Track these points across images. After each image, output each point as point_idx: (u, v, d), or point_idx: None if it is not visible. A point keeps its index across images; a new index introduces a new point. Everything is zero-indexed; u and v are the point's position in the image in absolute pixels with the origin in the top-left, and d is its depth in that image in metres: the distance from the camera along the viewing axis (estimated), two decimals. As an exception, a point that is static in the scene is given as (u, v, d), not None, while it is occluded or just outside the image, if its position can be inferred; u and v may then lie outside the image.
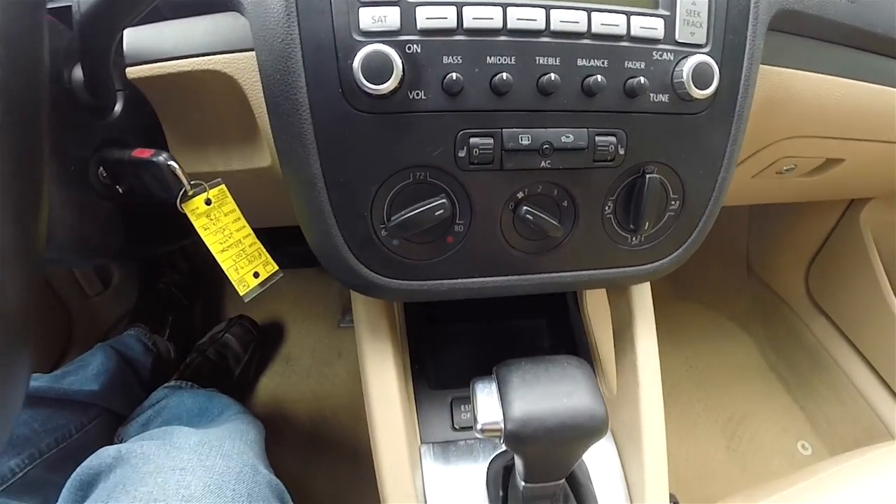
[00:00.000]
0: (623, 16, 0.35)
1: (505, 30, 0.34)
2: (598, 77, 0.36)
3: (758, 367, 1.28)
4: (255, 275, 0.45)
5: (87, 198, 0.42)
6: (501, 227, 0.41)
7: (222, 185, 0.44)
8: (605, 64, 0.36)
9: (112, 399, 0.80)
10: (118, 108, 0.42)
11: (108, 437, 0.77)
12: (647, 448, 0.49)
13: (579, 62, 0.36)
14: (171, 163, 0.40)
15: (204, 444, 0.48)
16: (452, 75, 0.34)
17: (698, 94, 0.37)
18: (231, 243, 0.44)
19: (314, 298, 1.29)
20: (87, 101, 0.40)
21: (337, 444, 1.06)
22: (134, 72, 0.40)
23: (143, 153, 0.40)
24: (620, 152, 0.39)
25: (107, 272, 1.15)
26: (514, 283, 0.43)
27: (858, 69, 0.53)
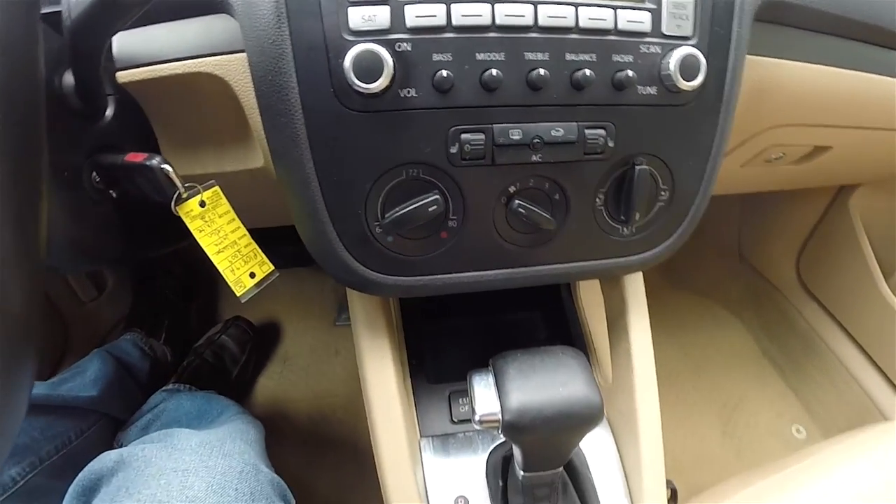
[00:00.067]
0: (610, 10, 0.36)
1: (493, 26, 0.34)
2: (586, 71, 0.36)
3: (751, 353, 1.29)
4: (252, 275, 0.45)
5: (81, 203, 0.42)
6: (494, 222, 0.41)
7: (216, 186, 0.44)
8: (593, 58, 0.36)
9: (111, 404, 0.80)
10: (109, 112, 0.42)
11: (108, 442, 0.77)
12: (643, 435, 0.49)
13: (567, 56, 0.36)
14: (164, 166, 0.40)
15: (205, 444, 0.48)
16: (443, 72, 0.34)
17: (685, 85, 0.37)
18: (226, 244, 0.44)
19: (309, 297, 1.29)
20: (79, 106, 0.39)
21: (338, 441, 1.06)
22: (124, 76, 0.40)
23: (137, 157, 0.40)
24: (610, 145, 0.39)
25: (101, 278, 1.15)
26: (509, 276, 0.44)
27: (844, 57, 0.53)
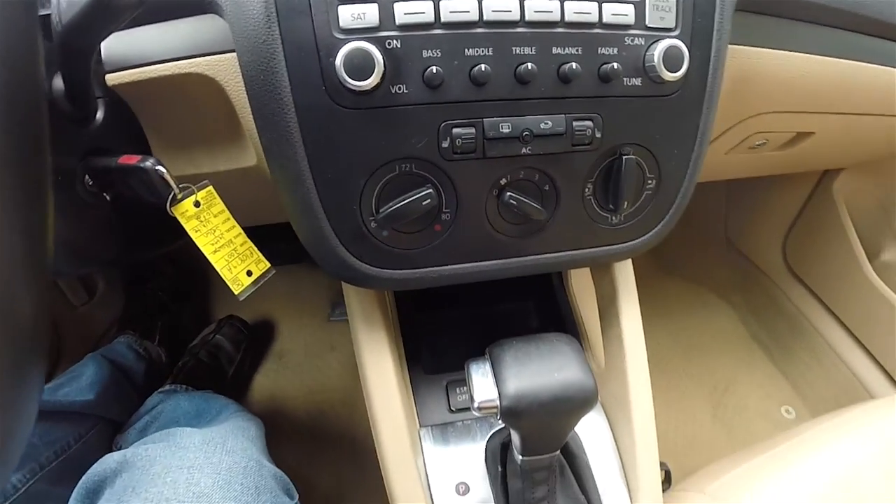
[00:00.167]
0: (595, 3, 0.36)
1: (481, 22, 0.35)
2: (572, 64, 0.36)
3: (740, 336, 1.31)
4: (249, 273, 0.46)
5: (75, 206, 0.42)
6: (487, 214, 0.41)
7: (210, 186, 0.44)
8: (579, 51, 0.37)
9: (108, 407, 0.80)
10: (100, 115, 0.42)
11: (107, 446, 0.77)
12: (636, 418, 0.50)
13: (554, 50, 0.36)
14: (158, 167, 0.39)
15: (208, 441, 0.48)
16: (433, 69, 0.35)
17: (669, 76, 0.38)
18: (223, 243, 0.44)
19: (303, 294, 1.29)
20: (69, 110, 0.39)
21: (335, 436, 1.07)
22: (114, 78, 0.40)
23: (130, 159, 0.40)
24: (597, 136, 0.40)
25: (91, 281, 1.13)
26: (502, 266, 0.44)
27: (825, 45, 0.54)
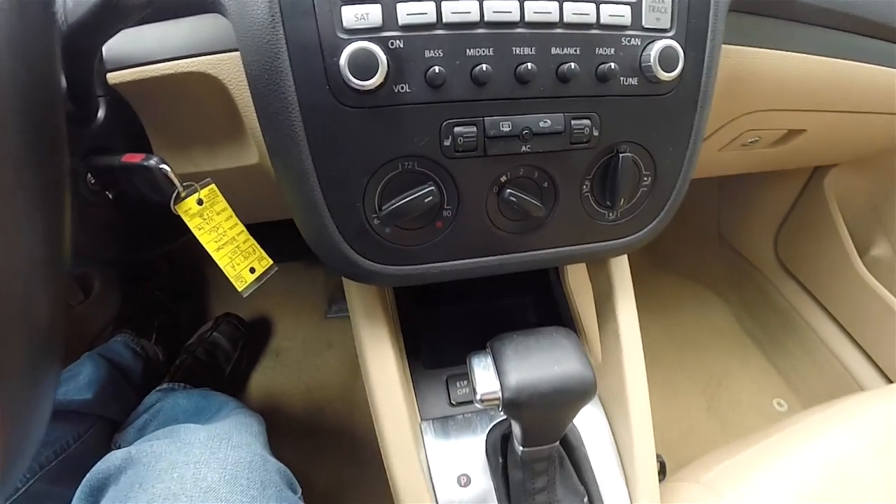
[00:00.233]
0: (592, 4, 0.37)
1: (482, 22, 0.35)
2: (571, 64, 0.37)
3: (733, 331, 1.32)
4: (252, 270, 0.46)
5: (77, 206, 0.41)
6: (487, 210, 0.42)
7: (212, 184, 0.44)
8: (578, 51, 0.37)
9: (106, 406, 0.79)
10: (101, 114, 0.42)
11: (106, 445, 0.77)
12: (633, 410, 0.51)
13: (553, 50, 0.37)
14: (162, 166, 0.40)
15: (213, 437, 0.49)
16: (435, 68, 0.35)
17: (665, 76, 0.39)
18: (225, 241, 0.45)
19: (299, 291, 1.29)
20: (71, 109, 0.39)
21: (334, 432, 1.07)
22: (115, 77, 0.40)
23: (134, 158, 0.40)
24: (595, 134, 0.41)
25: (88, 280, 1.13)
26: (502, 262, 0.45)
27: (816, 44, 0.55)
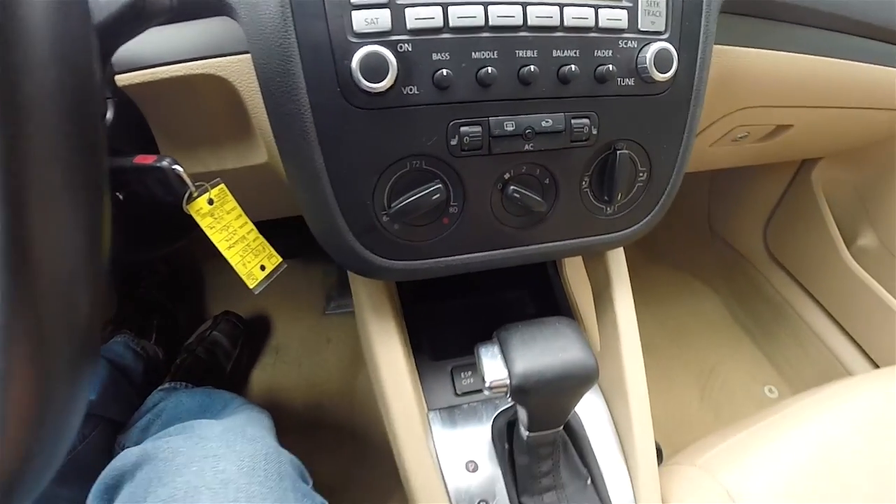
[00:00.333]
0: (591, 9, 0.38)
1: (487, 26, 0.36)
2: (571, 66, 0.38)
3: (724, 321, 1.34)
4: (262, 268, 0.47)
5: None
6: (492, 206, 0.43)
7: (222, 184, 0.45)
8: (577, 53, 0.38)
9: (109, 407, 0.79)
10: (109, 115, 0.42)
11: (109, 445, 0.76)
12: (631, 396, 0.52)
13: (554, 53, 0.38)
14: (175, 166, 0.40)
15: (228, 431, 0.49)
16: (442, 71, 0.36)
17: (660, 77, 0.40)
18: (236, 239, 0.45)
19: (298, 289, 1.29)
20: None
21: (335, 427, 1.08)
22: (124, 79, 0.40)
23: (146, 159, 0.41)
24: (594, 132, 0.42)
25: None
26: (505, 255, 0.46)
27: (802, 43, 0.57)
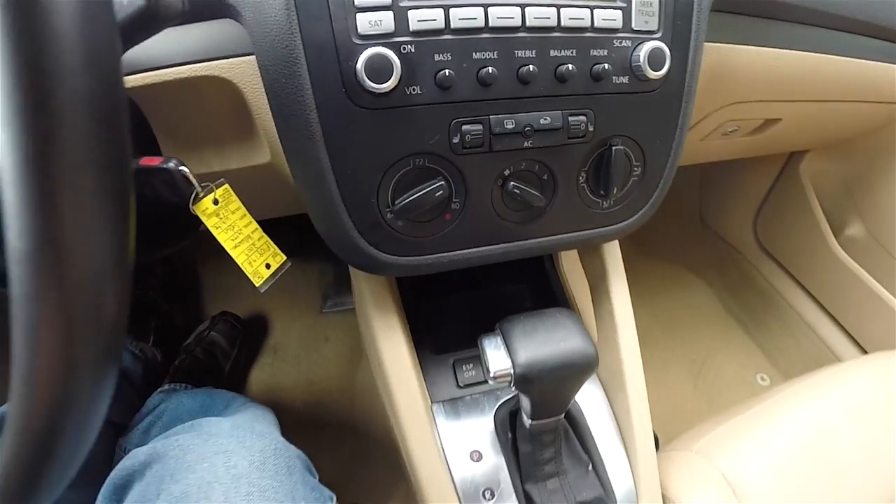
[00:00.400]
0: (587, 9, 0.39)
1: (487, 28, 0.37)
2: (568, 65, 0.39)
3: (716, 311, 1.36)
4: (267, 266, 0.47)
5: None
6: (492, 202, 0.44)
7: (226, 184, 0.45)
8: (574, 53, 0.39)
9: (110, 410, 0.79)
10: None
11: (111, 448, 0.75)
12: (629, 384, 0.54)
13: (552, 53, 0.39)
14: (182, 168, 0.41)
15: (237, 427, 0.49)
16: (444, 71, 0.37)
17: (653, 75, 0.41)
18: (241, 239, 0.46)
19: (294, 288, 1.29)
20: None
21: (335, 424, 1.08)
22: (128, 81, 0.41)
23: (152, 161, 0.41)
24: (590, 129, 0.43)
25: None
26: (506, 249, 0.47)
27: (789, 40, 0.58)
